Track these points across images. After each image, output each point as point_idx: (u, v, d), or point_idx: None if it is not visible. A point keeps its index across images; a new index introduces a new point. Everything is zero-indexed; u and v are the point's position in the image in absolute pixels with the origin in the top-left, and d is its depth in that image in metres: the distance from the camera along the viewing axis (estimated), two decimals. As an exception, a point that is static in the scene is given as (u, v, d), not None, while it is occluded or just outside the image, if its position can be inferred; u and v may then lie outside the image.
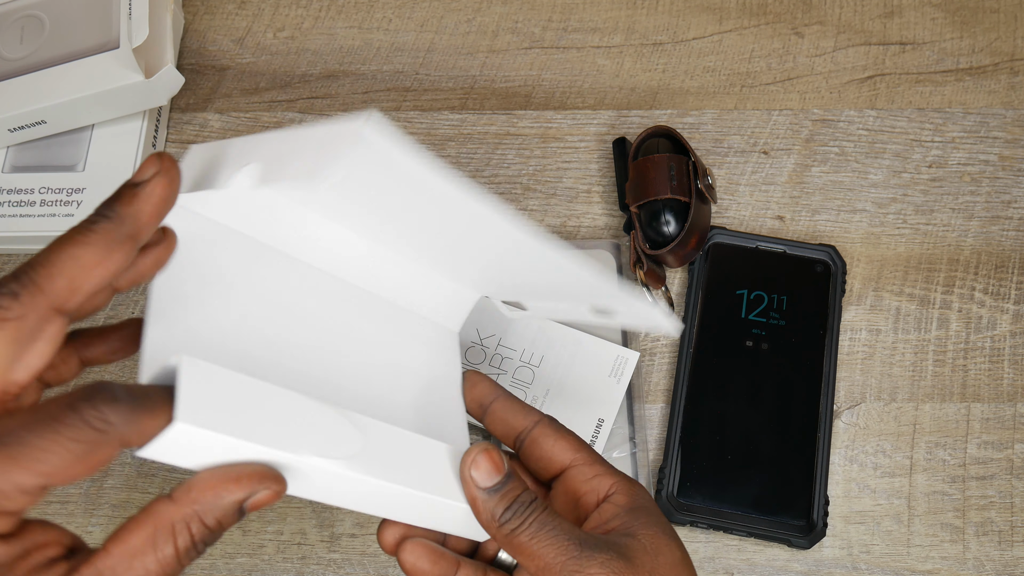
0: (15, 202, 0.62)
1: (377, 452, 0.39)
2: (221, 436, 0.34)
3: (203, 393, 0.34)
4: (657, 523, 0.42)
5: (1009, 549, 0.57)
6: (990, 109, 0.67)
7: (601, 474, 0.44)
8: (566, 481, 0.44)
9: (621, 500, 0.43)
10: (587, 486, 0.43)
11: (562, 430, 0.45)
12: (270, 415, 0.36)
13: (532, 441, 0.45)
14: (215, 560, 0.56)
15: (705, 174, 0.61)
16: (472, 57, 0.69)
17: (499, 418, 0.46)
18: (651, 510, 0.42)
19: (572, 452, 0.44)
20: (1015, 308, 0.62)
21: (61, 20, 0.64)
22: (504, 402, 0.46)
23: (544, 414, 0.46)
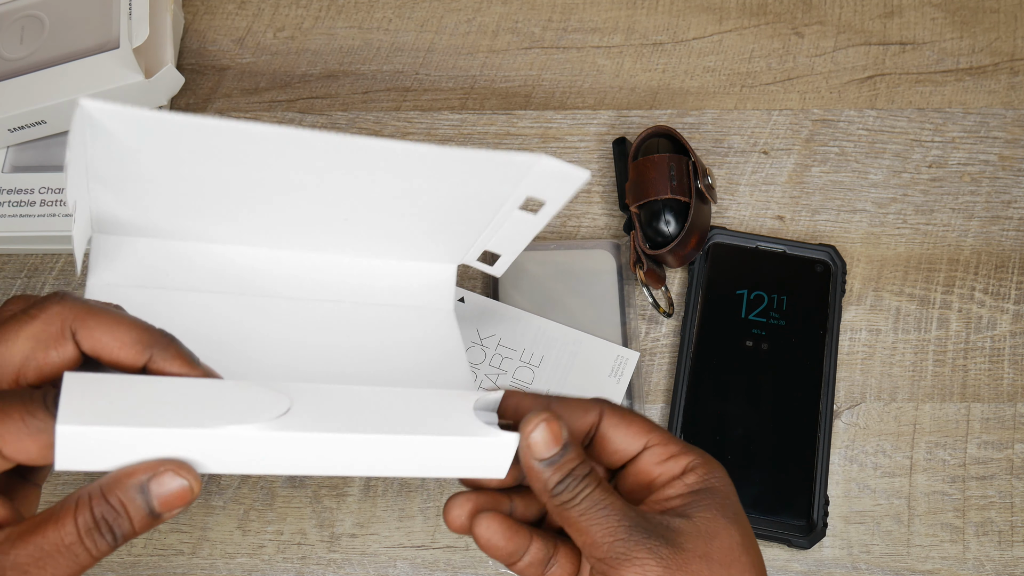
0: (15, 202, 0.62)
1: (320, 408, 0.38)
2: (109, 428, 0.34)
3: (87, 396, 0.35)
4: (720, 505, 0.40)
5: (1009, 549, 0.57)
6: (990, 109, 0.67)
7: (676, 454, 0.41)
8: (639, 464, 0.42)
9: (691, 479, 0.40)
10: (661, 468, 0.41)
11: (628, 416, 0.42)
12: (167, 403, 0.36)
13: (600, 437, 0.42)
14: (215, 560, 0.56)
15: (705, 174, 0.61)
16: (472, 57, 0.69)
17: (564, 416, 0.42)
18: (718, 491, 0.40)
19: (644, 436, 0.41)
20: (1015, 308, 0.62)
21: (61, 20, 0.64)
22: (558, 409, 0.42)
23: (603, 402, 0.42)
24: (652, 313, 0.62)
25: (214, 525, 0.57)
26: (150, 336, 0.38)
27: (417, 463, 0.39)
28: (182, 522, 0.57)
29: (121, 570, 0.56)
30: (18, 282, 0.63)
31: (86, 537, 0.33)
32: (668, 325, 0.61)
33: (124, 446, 0.34)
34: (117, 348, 0.37)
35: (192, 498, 0.34)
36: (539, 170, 0.44)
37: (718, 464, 0.41)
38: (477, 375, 0.59)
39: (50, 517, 0.33)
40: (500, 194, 0.46)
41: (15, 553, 0.33)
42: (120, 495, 0.34)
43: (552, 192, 0.46)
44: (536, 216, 0.48)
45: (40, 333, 0.37)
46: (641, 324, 0.61)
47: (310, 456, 0.37)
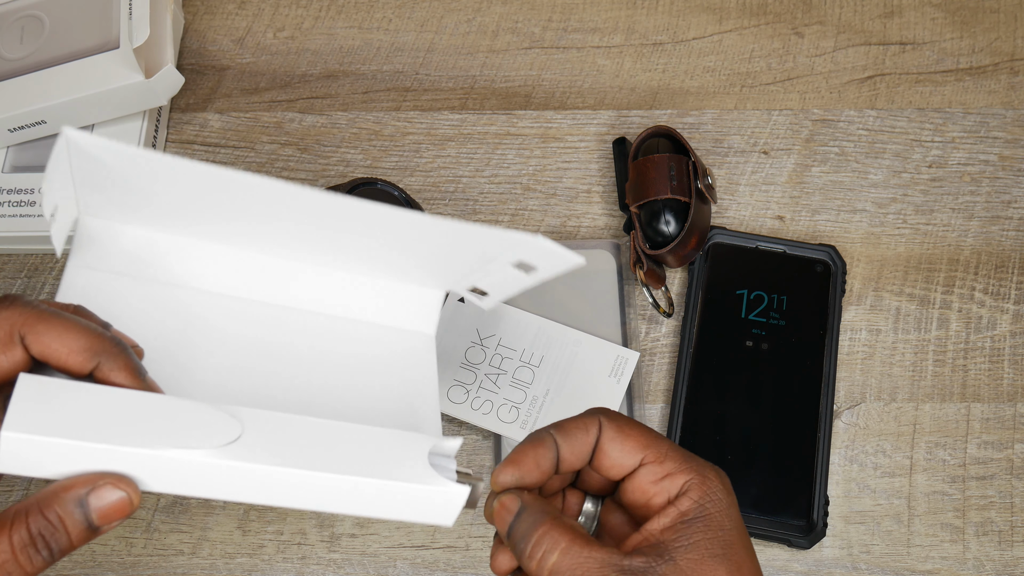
0: (15, 202, 0.62)
1: (271, 439, 0.38)
2: (54, 440, 0.34)
3: (37, 403, 0.35)
4: (710, 540, 0.38)
5: (1009, 549, 0.57)
6: (990, 109, 0.67)
7: (672, 473, 0.40)
8: (636, 480, 0.41)
9: (684, 505, 0.39)
10: (656, 488, 0.40)
11: (625, 429, 0.41)
12: (116, 417, 0.36)
13: (599, 451, 0.41)
14: (215, 560, 0.56)
15: (705, 174, 0.61)
16: (472, 57, 0.69)
17: (568, 460, 0.41)
18: (711, 520, 0.39)
19: (640, 451, 0.41)
20: (1015, 308, 0.62)
21: (61, 20, 0.64)
22: (562, 440, 0.41)
23: (601, 414, 0.42)
24: (652, 313, 0.62)
25: (214, 525, 0.57)
26: (100, 344, 0.38)
27: (364, 504, 0.39)
28: (182, 522, 0.57)
29: (121, 570, 0.56)
30: (18, 282, 0.63)
31: (20, 554, 0.33)
32: (668, 325, 0.61)
33: (67, 458, 0.34)
34: (65, 354, 0.37)
35: (131, 510, 0.34)
36: (535, 247, 0.44)
37: (716, 479, 0.40)
38: (476, 375, 0.59)
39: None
40: (493, 254, 0.47)
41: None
42: (58, 509, 0.34)
43: (545, 264, 0.46)
44: (528, 276, 0.48)
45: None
46: (641, 324, 0.61)
47: (254, 486, 0.37)
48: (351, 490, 0.38)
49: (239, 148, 0.66)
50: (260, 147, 0.66)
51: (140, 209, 0.46)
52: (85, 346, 0.38)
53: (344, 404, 0.47)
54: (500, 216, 0.64)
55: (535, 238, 0.43)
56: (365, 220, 0.43)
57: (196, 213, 0.46)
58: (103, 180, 0.42)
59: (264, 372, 0.48)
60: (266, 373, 0.48)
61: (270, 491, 0.37)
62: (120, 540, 0.57)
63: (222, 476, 0.36)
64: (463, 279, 0.50)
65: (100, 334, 0.38)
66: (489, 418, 0.58)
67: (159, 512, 0.57)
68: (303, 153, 0.66)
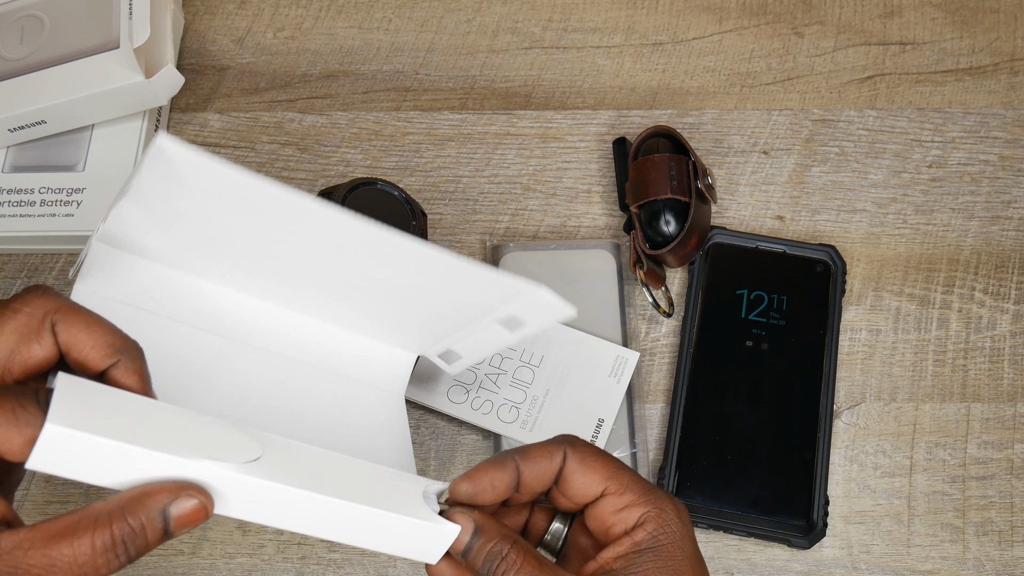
0: (15, 202, 0.62)
1: (287, 462, 0.39)
2: (97, 438, 0.34)
3: (79, 401, 0.35)
4: (658, 569, 0.40)
5: (1009, 549, 0.57)
6: (990, 109, 0.67)
7: (631, 505, 0.41)
8: (598, 509, 0.42)
9: (639, 536, 0.41)
10: (615, 517, 0.42)
11: (589, 459, 0.42)
12: (152, 424, 0.37)
13: (563, 479, 0.42)
14: (215, 560, 0.56)
15: (705, 174, 0.61)
16: (472, 57, 0.69)
17: (529, 484, 0.42)
18: (662, 551, 0.40)
19: (602, 482, 0.42)
20: (1015, 308, 0.62)
21: (61, 20, 0.64)
22: (524, 465, 0.42)
23: (568, 443, 0.42)
24: (652, 313, 0.62)
25: (214, 525, 0.57)
26: (123, 343, 0.39)
27: (365, 534, 0.40)
28: (182, 522, 0.57)
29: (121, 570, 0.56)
30: (18, 282, 0.63)
31: (100, 556, 0.34)
32: (668, 325, 0.61)
33: (108, 460, 0.35)
34: (90, 347, 0.38)
35: (206, 518, 0.35)
36: (533, 298, 0.46)
37: (673, 512, 0.41)
38: (476, 375, 0.59)
39: (66, 530, 0.34)
40: (486, 307, 0.49)
41: (28, 563, 0.33)
42: (143, 516, 0.34)
43: (535, 318, 0.48)
44: (511, 333, 0.50)
45: (23, 327, 0.37)
46: (641, 324, 0.61)
47: (268, 506, 0.38)
48: (358, 518, 0.39)
49: (239, 148, 0.66)
50: (260, 147, 0.66)
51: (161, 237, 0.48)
52: (110, 342, 0.38)
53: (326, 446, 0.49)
54: (500, 216, 0.64)
55: (538, 289, 0.45)
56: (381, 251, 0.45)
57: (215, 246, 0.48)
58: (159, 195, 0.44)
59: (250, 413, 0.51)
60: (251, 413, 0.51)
61: (280, 513, 0.38)
62: (120, 540, 0.57)
63: (243, 492, 0.37)
64: (440, 340, 0.54)
65: (124, 335, 0.39)
66: (489, 418, 0.58)
67: (159, 512, 0.57)
68: (303, 153, 0.66)
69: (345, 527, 0.39)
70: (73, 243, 0.62)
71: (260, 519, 0.38)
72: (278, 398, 0.52)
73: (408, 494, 0.41)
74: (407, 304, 0.51)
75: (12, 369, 0.37)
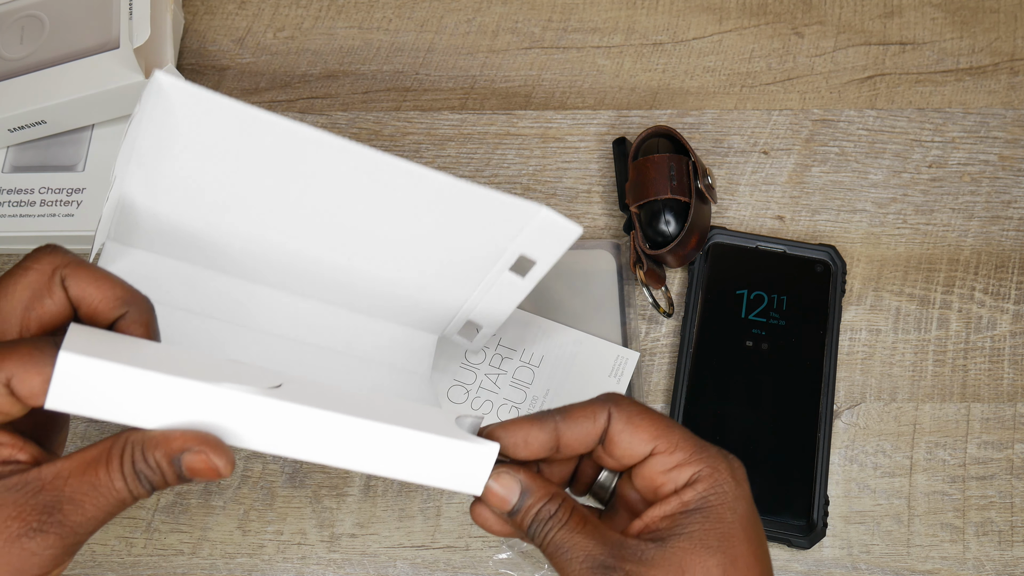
0: (15, 202, 0.62)
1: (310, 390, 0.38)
2: (113, 365, 0.34)
3: (93, 339, 0.36)
4: (705, 531, 0.38)
5: (1009, 549, 0.57)
6: (990, 109, 0.67)
7: (681, 464, 0.40)
8: (647, 468, 0.41)
9: (687, 495, 0.39)
10: (664, 477, 0.40)
11: (635, 418, 0.41)
12: (169, 359, 0.37)
13: (609, 440, 0.41)
14: (215, 560, 0.56)
15: (705, 174, 0.61)
16: (472, 57, 0.69)
17: (570, 446, 0.41)
18: (711, 511, 0.39)
19: (650, 441, 0.40)
20: (1015, 308, 0.62)
21: (61, 20, 0.64)
22: (565, 426, 0.41)
23: (611, 403, 0.41)
24: (652, 313, 0.62)
25: (214, 525, 0.57)
26: (130, 295, 0.40)
27: (398, 459, 0.38)
28: (182, 522, 0.57)
29: (121, 570, 0.56)
30: (18, 282, 0.63)
31: (131, 482, 0.36)
32: (668, 325, 0.61)
33: (119, 389, 0.35)
34: (99, 299, 0.39)
35: (217, 478, 0.36)
36: (538, 222, 0.45)
37: (727, 472, 0.40)
38: (476, 375, 0.59)
39: (99, 458, 0.35)
40: (497, 247, 0.48)
41: (71, 489, 0.35)
42: (158, 458, 0.36)
43: (544, 250, 0.48)
44: (524, 280, 0.50)
45: (35, 283, 0.39)
46: (641, 324, 0.61)
47: (292, 433, 0.37)
48: (387, 440, 0.37)
49: (239, 148, 0.66)
50: (260, 147, 0.66)
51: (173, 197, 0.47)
52: (118, 295, 0.39)
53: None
54: (500, 216, 0.64)
55: (540, 208, 0.45)
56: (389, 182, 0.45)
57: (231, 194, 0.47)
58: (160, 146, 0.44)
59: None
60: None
61: (307, 439, 0.37)
62: (120, 540, 0.57)
63: (265, 417, 0.36)
64: (461, 307, 0.53)
65: (133, 288, 0.40)
66: (489, 418, 0.58)
67: (159, 512, 0.57)
68: (303, 153, 0.66)
69: (376, 453, 0.38)
70: (73, 243, 0.62)
71: (284, 449, 0.37)
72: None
73: (441, 421, 0.40)
74: (420, 267, 0.50)
75: (28, 325, 0.38)
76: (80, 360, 0.34)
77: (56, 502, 0.35)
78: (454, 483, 0.39)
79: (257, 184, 0.46)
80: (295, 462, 0.58)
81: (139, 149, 0.44)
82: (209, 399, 0.36)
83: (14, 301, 0.38)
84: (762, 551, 0.40)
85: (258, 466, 0.58)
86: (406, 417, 0.39)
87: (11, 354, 0.35)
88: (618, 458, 0.41)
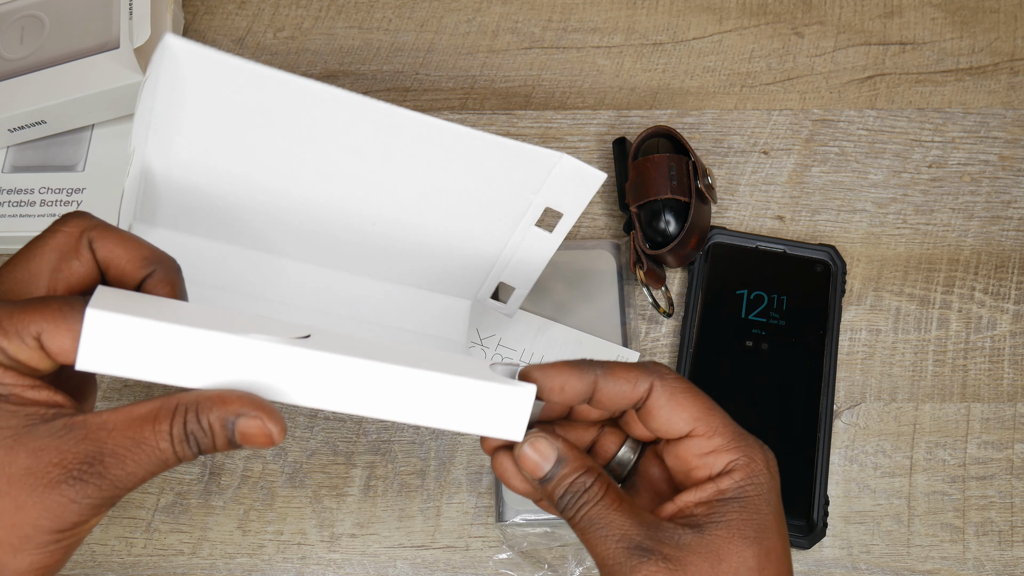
0: (15, 202, 0.62)
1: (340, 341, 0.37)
2: (142, 320, 0.34)
3: (121, 297, 0.36)
4: (743, 521, 0.38)
5: (1009, 549, 0.57)
6: (990, 109, 0.67)
7: (719, 450, 0.39)
8: (682, 448, 0.40)
9: (724, 483, 0.39)
10: (700, 461, 0.39)
11: (678, 395, 0.40)
12: (196, 314, 0.37)
13: (647, 410, 0.40)
14: (215, 560, 0.56)
15: (705, 174, 0.61)
16: (472, 57, 0.69)
17: (603, 401, 0.40)
18: (749, 502, 0.38)
19: (690, 422, 0.39)
20: (1015, 308, 0.62)
21: (61, 20, 0.64)
22: (604, 381, 0.40)
23: (656, 374, 0.40)
24: (652, 313, 0.62)
25: (214, 525, 0.57)
26: (156, 255, 0.40)
27: (433, 404, 0.37)
28: (182, 522, 0.57)
29: (121, 570, 0.56)
30: (18, 282, 0.63)
31: (178, 444, 0.35)
32: (668, 325, 0.61)
33: (149, 345, 0.34)
34: (127, 260, 0.39)
35: (269, 445, 0.36)
36: (560, 170, 0.45)
37: (762, 463, 0.39)
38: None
39: (148, 415, 0.35)
40: (522, 200, 0.48)
41: (114, 443, 0.34)
42: (212, 420, 0.35)
43: (569, 200, 0.48)
44: (551, 235, 0.50)
45: (62, 245, 0.39)
46: (641, 324, 0.61)
47: (325, 382, 0.36)
48: (419, 385, 0.37)
49: (239, 148, 0.66)
50: (260, 147, 0.66)
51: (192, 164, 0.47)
52: (145, 255, 0.40)
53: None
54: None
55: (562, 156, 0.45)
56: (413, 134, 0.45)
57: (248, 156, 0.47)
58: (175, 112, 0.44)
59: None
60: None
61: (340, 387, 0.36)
62: (120, 540, 0.57)
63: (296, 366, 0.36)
64: (491, 268, 0.52)
65: (159, 249, 0.40)
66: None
67: (159, 512, 0.57)
68: (303, 153, 0.66)
69: (410, 400, 0.37)
70: (73, 243, 0.62)
71: (317, 400, 0.36)
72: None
73: (475, 367, 0.39)
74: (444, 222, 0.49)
75: (56, 287, 0.39)
76: (109, 317, 0.34)
77: (98, 453, 0.34)
78: (490, 428, 0.38)
79: (274, 146, 0.46)
80: (295, 462, 0.58)
81: (155, 117, 0.44)
82: (240, 351, 0.35)
83: (42, 263, 0.39)
84: (787, 545, 0.40)
85: (258, 466, 0.58)
86: (440, 363, 0.38)
87: (42, 310, 0.34)
88: (654, 430, 0.40)
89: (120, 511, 0.57)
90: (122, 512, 0.57)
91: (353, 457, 0.58)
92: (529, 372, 0.40)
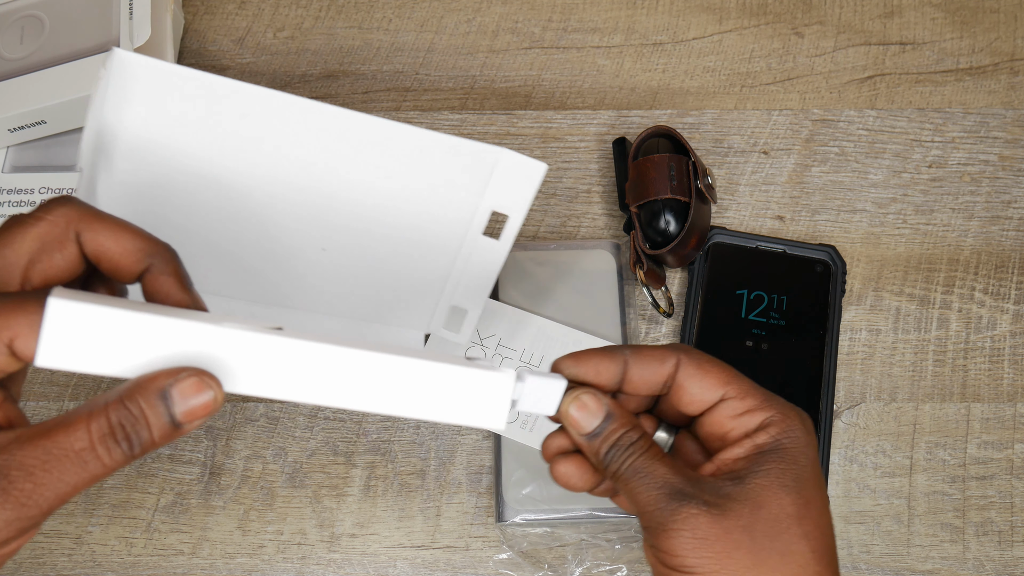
0: (15, 202, 0.62)
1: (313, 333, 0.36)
2: (105, 308, 0.32)
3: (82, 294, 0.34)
4: (781, 470, 0.38)
5: (1009, 549, 0.57)
6: (990, 109, 0.67)
7: (753, 409, 0.39)
8: (715, 414, 0.40)
9: (761, 438, 0.39)
10: (735, 423, 0.40)
11: (705, 365, 0.40)
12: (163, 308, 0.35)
13: (677, 386, 0.40)
14: (215, 560, 0.56)
15: (705, 174, 0.61)
16: (472, 57, 0.69)
17: (635, 383, 0.41)
18: (786, 453, 0.38)
19: (721, 387, 0.40)
20: (1015, 308, 0.62)
21: (61, 20, 0.64)
22: (634, 362, 0.40)
23: (681, 351, 0.41)
24: (652, 313, 0.62)
25: (214, 525, 0.57)
26: (153, 246, 0.37)
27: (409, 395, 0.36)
28: (182, 522, 0.57)
29: (121, 570, 0.56)
30: (18, 282, 0.63)
31: (99, 444, 0.32)
32: (668, 325, 0.61)
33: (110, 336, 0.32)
34: (119, 254, 0.37)
35: (215, 408, 0.33)
36: (503, 168, 0.45)
37: (798, 420, 0.40)
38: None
39: (62, 422, 0.32)
40: (467, 206, 0.48)
41: (22, 454, 0.32)
42: (140, 400, 0.32)
43: (513, 198, 0.48)
44: (499, 242, 0.50)
45: (46, 235, 0.36)
46: (641, 324, 0.61)
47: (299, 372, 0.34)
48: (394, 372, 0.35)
49: (239, 148, 0.66)
50: (260, 147, 0.66)
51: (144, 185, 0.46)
52: (140, 247, 0.37)
53: None
54: (500, 216, 0.64)
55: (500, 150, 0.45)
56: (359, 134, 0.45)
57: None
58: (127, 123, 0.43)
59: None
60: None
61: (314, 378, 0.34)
62: (120, 540, 0.57)
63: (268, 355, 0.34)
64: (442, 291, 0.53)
65: (154, 237, 0.37)
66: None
67: (159, 512, 0.57)
68: (303, 153, 0.66)
69: (384, 389, 0.35)
70: (73, 243, 0.62)
71: (290, 392, 0.34)
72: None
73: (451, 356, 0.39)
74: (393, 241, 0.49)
75: (32, 278, 0.36)
76: (70, 306, 0.32)
77: (5, 468, 0.31)
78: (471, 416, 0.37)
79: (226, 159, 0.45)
80: (295, 462, 0.58)
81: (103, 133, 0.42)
82: (211, 339, 0.33)
83: (20, 251, 0.36)
84: (826, 499, 0.40)
85: (258, 466, 0.58)
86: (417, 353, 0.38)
87: (18, 311, 0.32)
88: (686, 405, 0.41)
89: (120, 511, 0.57)
90: (122, 512, 0.57)
91: (353, 457, 0.58)
92: (561, 362, 0.40)
